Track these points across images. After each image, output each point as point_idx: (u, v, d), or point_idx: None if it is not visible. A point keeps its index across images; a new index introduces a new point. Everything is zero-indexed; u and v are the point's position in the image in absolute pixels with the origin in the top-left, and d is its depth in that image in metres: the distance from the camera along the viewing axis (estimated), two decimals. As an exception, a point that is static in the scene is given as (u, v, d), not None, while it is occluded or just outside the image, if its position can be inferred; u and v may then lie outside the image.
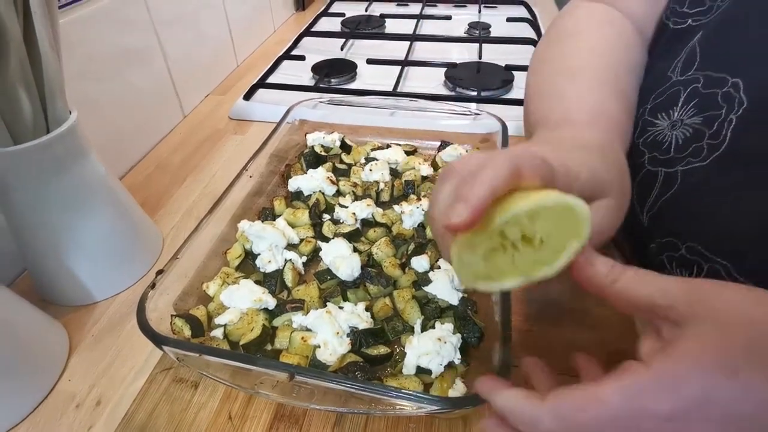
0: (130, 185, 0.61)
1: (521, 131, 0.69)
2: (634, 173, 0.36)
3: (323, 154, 0.68)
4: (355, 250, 0.53)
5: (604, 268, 0.27)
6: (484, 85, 0.86)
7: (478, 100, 0.83)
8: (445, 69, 0.92)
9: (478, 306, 0.46)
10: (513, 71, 0.89)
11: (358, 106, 0.73)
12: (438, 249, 0.52)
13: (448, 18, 1.20)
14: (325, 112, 0.72)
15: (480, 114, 0.67)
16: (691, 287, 0.25)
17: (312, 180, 0.61)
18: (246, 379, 0.39)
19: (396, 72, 0.91)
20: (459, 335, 0.43)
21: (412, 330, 0.45)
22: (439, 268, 0.50)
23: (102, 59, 0.66)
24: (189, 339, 0.43)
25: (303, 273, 0.53)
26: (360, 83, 0.93)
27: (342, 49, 1.05)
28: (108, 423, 0.42)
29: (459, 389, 0.40)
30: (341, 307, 0.46)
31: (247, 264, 0.53)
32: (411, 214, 0.56)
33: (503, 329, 0.38)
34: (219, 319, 0.46)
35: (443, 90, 0.89)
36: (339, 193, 0.62)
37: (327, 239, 0.55)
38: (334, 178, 0.63)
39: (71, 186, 0.47)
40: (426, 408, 0.35)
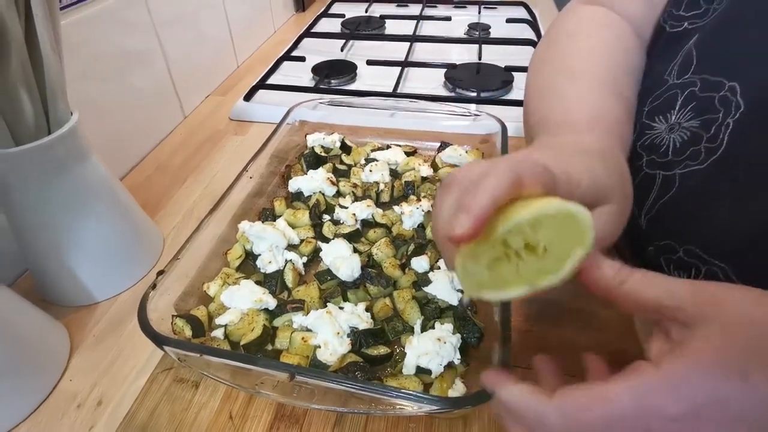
0: (130, 186, 0.61)
1: (521, 132, 0.70)
2: (632, 176, 0.36)
3: (323, 154, 0.68)
4: (356, 250, 0.53)
5: (611, 270, 0.28)
6: (483, 86, 0.86)
7: (477, 101, 0.83)
8: (445, 70, 0.92)
9: (477, 306, 0.47)
10: (513, 72, 0.89)
11: (358, 107, 0.73)
12: (437, 250, 0.53)
13: (447, 19, 1.20)
14: (325, 113, 0.73)
15: (480, 115, 0.68)
16: (699, 288, 0.25)
17: (312, 181, 0.62)
18: (246, 379, 0.40)
19: (396, 73, 0.91)
20: (459, 335, 0.43)
21: (412, 330, 0.45)
22: (439, 268, 0.50)
23: (103, 60, 0.66)
24: (190, 339, 0.43)
25: (303, 273, 0.53)
26: (360, 84, 0.93)
27: (342, 50, 1.05)
28: (109, 423, 0.42)
29: (459, 389, 0.40)
30: (341, 308, 0.46)
31: (248, 264, 0.53)
32: (411, 214, 0.56)
33: (503, 329, 0.38)
34: (220, 320, 0.46)
35: (443, 91, 0.89)
36: (339, 194, 0.62)
37: (327, 240, 0.55)
38: (334, 178, 0.63)
39: (72, 187, 0.48)
40: (426, 408, 0.35)
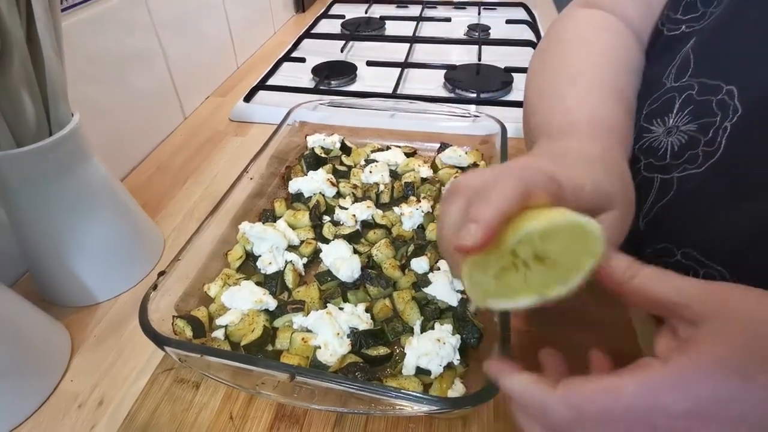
0: (131, 186, 0.61)
1: (520, 133, 0.70)
2: None
3: (323, 155, 0.68)
4: (356, 251, 0.53)
5: (622, 264, 0.28)
6: (483, 87, 0.86)
7: (477, 101, 0.83)
8: (445, 71, 0.92)
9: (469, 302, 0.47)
10: (512, 73, 0.89)
11: (358, 108, 0.73)
12: (437, 251, 0.53)
13: (447, 20, 1.20)
14: (326, 113, 0.73)
15: (479, 116, 0.68)
16: (708, 287, 0.25)
17: (312, 182, 0.62)
18: (247, 380, 0.40)
19: (396, 74, 0.91)
20: (458, 336, 0.43)
21: (411, 331, 0.45)
22: (439, 269, 0.50)
23: (103, 61, 0.66)
24: (190, 340, 0.43)
25: (303, 274, 0.53)
26: (360, 85, 0.94)
27: (342, 51, 1.05)
28: (110, 423, 0.42)
29: (458, 389, 0.40)
30: (341, 308, 0.47)
31: (248, 265, 0.54)
32: (411, 215, 0.56)
33: (502, 330, 0.38)
34: (220, 320, 0.46)
35: (443, 92, 0.90)
36: (339, 195, 0.62)
37: (327, 241, 0.55)
38: (334, 179, 0.63)
39: (73, 188, 0.48)
40: (425, 408, 0.35)
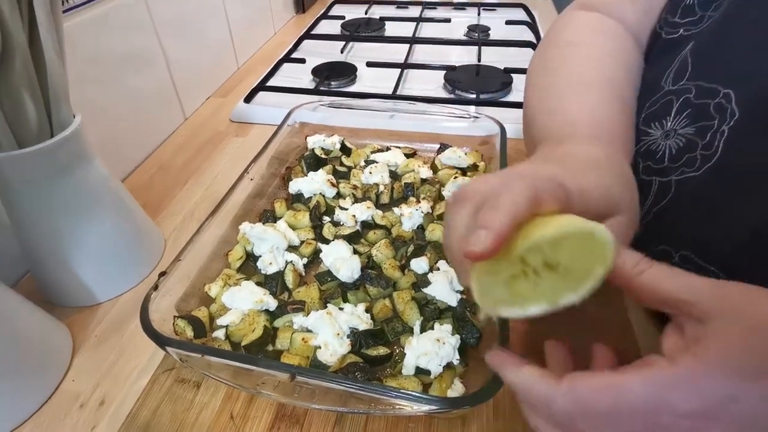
0: (132, 187, 0.61)
1: (520, 134, 0.70)
2: None
3: (323, 156, 0.68)
4: (355, 251, 0.54)
5: (631, 260, 0.28)
6: (483, 88, 0.87)
7: (477, 102, 0.84)
8: (445, 72, 0.92)
9: (476, 307, 0.47)
10: (512, 74, 0.90)
11: (358, 108, 0.74)
12: (437, 252, 0.53)
13: (447, 21, 1.21)
14: (326, 114, 0.73)
15: (479, 117, 0.68)
16: (718, 285, 0.25)
17: (312, 182, 0.62)
18: (248, 380, 0.40)
19: (396, 75, 0.92)
20: (458, 336, 0.43)
21: (411, 331, 0.46)
22: (438, 269, 0.50)
23: (104, 62, 0.67)
24: (191, 340, 0.44)
25: (304, 274, 0.54)
26: (360, 86, 0.94)
27: (342, 52, 1.05)
28: (111, 423, 0.42)
29: (457, 389, 0.40)
30: (341, 309, 0.47)
31: (249, 266, 0.54)
32: (410, 216, 0.57)
33: (501, 330, 0.39)
34: (221, 320, 0.46)
35: (442, 92, 0.90)
36: (339, 196, 0.63)
37: (327, 241, 0.55)
38: (334, 180, 0.63)
39: (75, 189, 0.48)
40: (425, 408, 0.35)
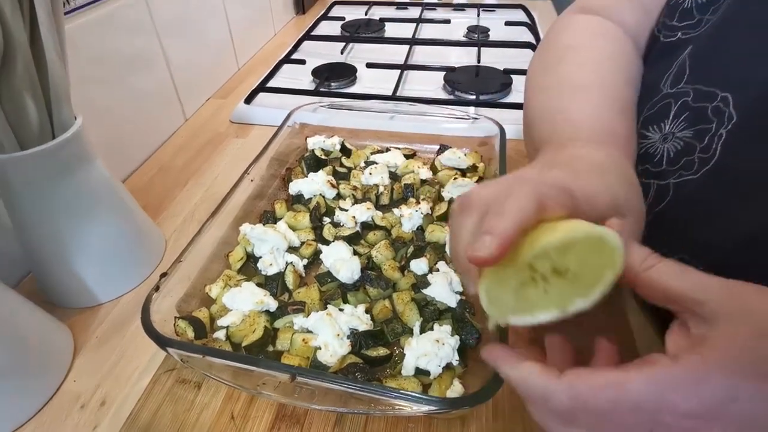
0: (132, 188, 0.62)
1: (519, 135, 0.70)
2: None
3: (323, 157, 0.68)
4: (355, 253, 0.54)
5: (639, 255, 0.27)
6: (482, 89, 0.87)
7: (476, 103, 0.84)
8: (444, 73, 0.92)
9: (475, 308, 0.47)
10: (511, 75, 0.90)
11: (358, 110, 0.74)
12: (436, 253, 0.53)
13: (447, 22, 1.21)
14: (326, 115, 0.73)
15: (478, 118, 0.68)
16: (727, 285, 0.25)
17: (312, 183, 0.62)
18: (248, 380, 0.40)
19: (395, 76, 0.92)
20: (457, 337, 0.44)
21: (411, 332, 0.46)
22: (438, 270, 0.50)
23: (105, 63, 0.67)
24: (192, 341, 0.44)
25: (304, 275, 0.54)
26: (360, 87, 0.94)
27: (342, 53, 1.05)
28: (112, 423, 0.42)
29: (457, 390, 0.41)
30: (341, 309, 0.47)
31: (249, 267, 0.54)
32: (410, 217, 0.57)
33: (500, 331, 0.39)
34: (221, 321, 0.46)
35: (442, 93, 0.90)
36: (339, 197, 0.63)
37: (327, 242, 0.56)
38: (334, 181, 0.63)
39: (76, 190, 0.48)
40: (424, 408, 0.35)
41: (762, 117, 0.34)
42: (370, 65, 0.96)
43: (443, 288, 0.47)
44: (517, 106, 0.81)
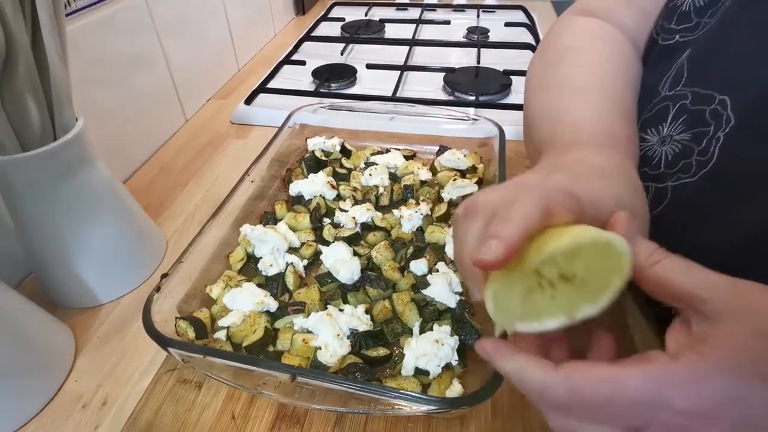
0: (133, 189, 0.62)
1: (519, 136, 0.70)
2: None
3: (323, 158, 0.69)
4: (355, 253, 0.54)
5: (645, 250, 0.27)
6: (482, 90, 0.87)
7: (476, 104, 0.84)
8: (444, 74, 0.93)
9: (475, 309, 0.47)
10: (511, 76, 0.90)
11: (358, 111, 0.74)
12: (436, 253, 0.54)
13: (447, 23, 1.21)
14: (326, 116, 0.73)
15: (478, 119, 0.69)
16: (735, 283, 0.25)
17: (313, 184, 0.62)
18: (249, 380, 0.40)
19: (395, 76, 0.92)
20: (456, 337, 0.44)
21: (410, 332, 0.46)
22: (437, 271, 0.51)
23: (106, 64, 0.67)
24: (193, 341, 0.44)
25: (304, 276, 0.54)
26: (360, 88, 0.94)
27: (342, 54, 1.06)
28: (114, 423, 0.43)
29: (456, 390, 0.41)
30: (341, 310, 0.47)
31: (250, 267, 0.54)
32: (410, 218, 0.57)
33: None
34: (222, 322, 0.47)
35: (442, 94, 0.90)
36: (339, 198, 0.63)
37: (327, 243, 0.56)
38: (334, 182, 0.63)
39: (78, 192, 0.48)
40: (424, 408, 0.36)
41: (762, 117, 0.33)
42: (370, 66, 0.97)
43: (443, 288, 0.48)
44: (517, 107, 0.81)
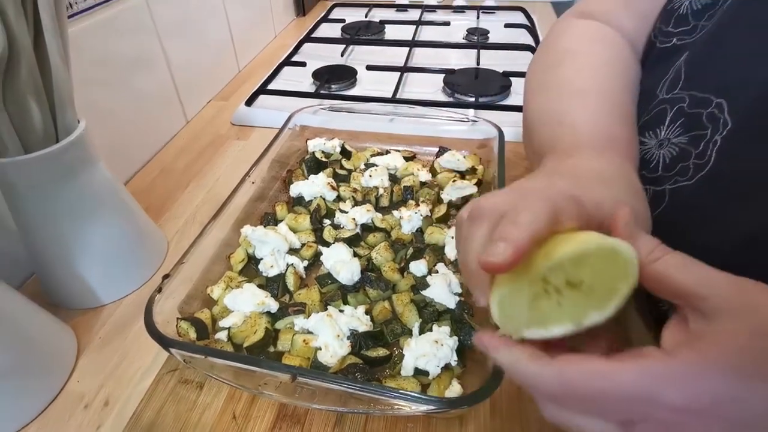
0: (134, 190, 0.62)
1: (518, 137, 0.71)
2: None
3: (324, 159, 0.69)
4: (355, 254, 0.54)
5: (646, 246, 0.27)
6: (482, 91, 0.87)
7: (476, 106, 0.84)
8: (444, 75, 0.93)
9: (474, 309, 0.48)
10: (510, 77, 0.90)
11: (358, 112, 0.74)
12: (435, 255, 0.54)
13: (446, 24, 1.21)
14: (326, 118, 0.74)
15: (477, 120, 0.69)
16: (737, 281, 0.24)
17: (313, 185, 0.63)
18: (250, 380, 0.41)
19: (395, 78, 0.92)
20: (455, 338, 0.44)
21: (410, 333, 0.46)
22: (437, 272, 0.51)
23: (108, 66, 0.67)
24: (194, 341, 0.44)
25: (304, 277, 0.54)
26: (360, 89, 0.94)
27: (342, 55, 1.06)
28: (116, 423, 0.43)
29: (455, 390, 0.41)
30: (342, 311, 0.48)
31: (250, 268, 0.55)
32: (409, 219, 0.57)
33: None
34: (223, 322, 0.47)
35: (442, 96, 0.91)
36: (339, 199, 0.63)
37: (328, 244, 0.56)
38: (334, 183, 0.64)
39: (79, 193, 0.49)
40: (423, 408, 0.36)
41: (762, 117, 0.33)
42: (370, 67, 0.97)
43: (442, 289, 0.48)
44: (516, 108, 0.81)
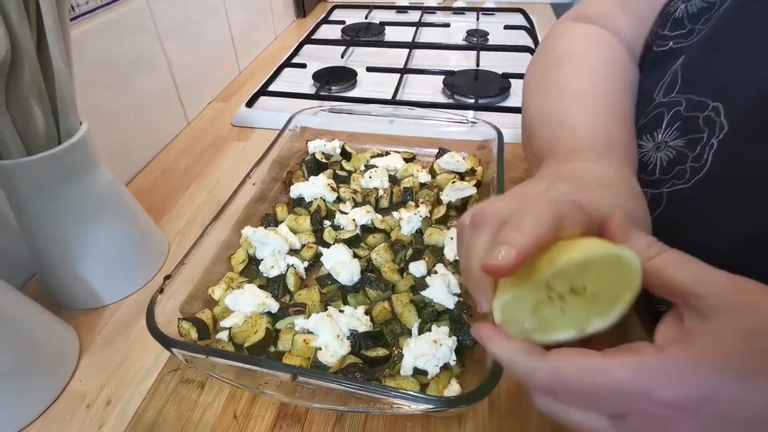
0: (135, 191, 0.62)
1: (517, 138, 0.71)
2: None
3: (324, 161, 0.69)
4: (355, 255, 0.55)
5: (642, 243, 0.27)
6: (481, 93, 0.88)
7: (475, 107, 0.85)
8: (444, 76, 0.93)
9: (473, 310, 0.48)
10: (510, 79, 0.91)
11: (358, 113, 0.75)
12: (435, 255, 0.54)
13: (446, 25, 1.22)
14: (326, 119, 0.74)
15: (477, 122, 0.69)
16: (735, 280, 0.24)
17: (313, 187, 0.63)
18: (250, 380, 0.41)
19: (395, 79, 0.93)
20: (454, 338, 0.44)
21: (409, 333, 0.47)
22: (436, 273, 0.51)
23: (109, 68, 0.68)
24: (196, 341, 0.45)
25: (305, 278, 0.55)
26: (360, 90, 0.95)
27: (342, 57, 1.06)
28: (118, 422, 0.43)
29: (454, 389, 0.41)
30: (342, 311, 0.48)
31: (251, 269, 0.55)
32: (409, 220, 0.58)
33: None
34: (224, 322, 0.47)
35: (441, 97, 0.91)
36: (339, 200, 0.64)
37: (328, 245, 0.56)
38: (334, 184, 0.64)
39: (82, 194, 0.49)
40: (422, 407, 0.36)
41: (762, 117, 0.33)
42: (370, 69, 0.97)
43: (441, 290, 0.48)
44: (516, 110, 0.81)
